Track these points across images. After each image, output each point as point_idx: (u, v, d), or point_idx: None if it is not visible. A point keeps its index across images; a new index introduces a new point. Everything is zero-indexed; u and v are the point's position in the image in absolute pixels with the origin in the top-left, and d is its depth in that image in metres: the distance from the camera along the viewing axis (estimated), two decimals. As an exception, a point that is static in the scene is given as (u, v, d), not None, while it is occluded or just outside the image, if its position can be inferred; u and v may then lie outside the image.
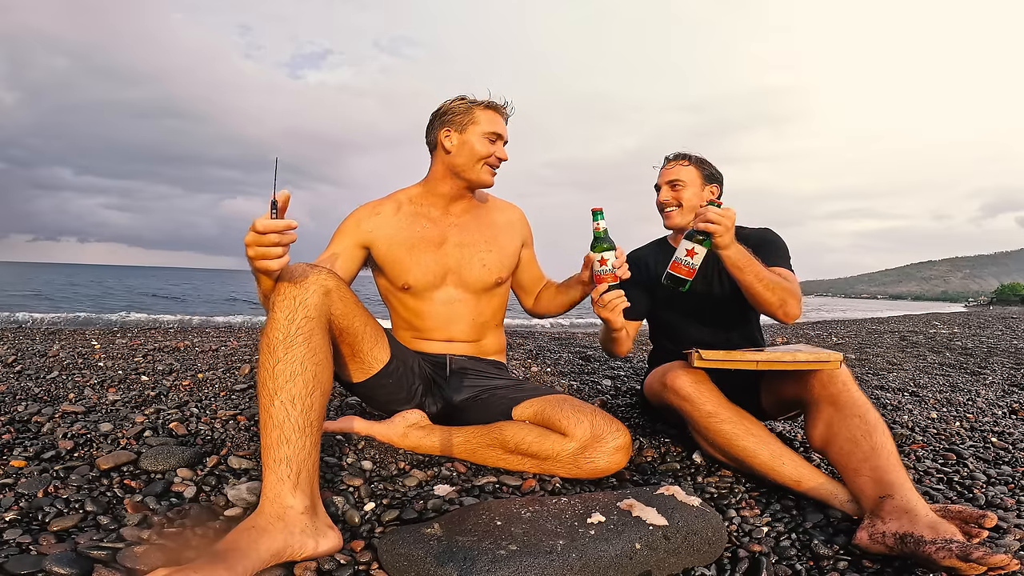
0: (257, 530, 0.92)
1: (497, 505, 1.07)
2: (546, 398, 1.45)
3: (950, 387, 2.99)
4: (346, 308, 1.23)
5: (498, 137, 1.60)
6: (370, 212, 1.62)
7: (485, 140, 1.57)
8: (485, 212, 1.72)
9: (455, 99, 1.60)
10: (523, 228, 1.78)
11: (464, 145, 1.56)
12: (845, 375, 1.32)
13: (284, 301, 1.07)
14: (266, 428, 1.01)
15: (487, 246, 1.66)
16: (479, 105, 1.58)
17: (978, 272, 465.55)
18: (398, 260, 1.59)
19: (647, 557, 0.93)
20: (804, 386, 1.38)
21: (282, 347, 1.04)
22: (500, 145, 1.61)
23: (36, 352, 3.12)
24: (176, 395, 2.07)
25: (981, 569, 0.87)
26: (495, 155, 1.60)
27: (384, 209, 1.63)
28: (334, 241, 1.59)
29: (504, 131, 1.62)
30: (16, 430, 1.55)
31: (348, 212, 1.64)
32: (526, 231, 1.79)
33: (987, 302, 74.34)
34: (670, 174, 1.77)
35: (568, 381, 2.75)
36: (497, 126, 1.59)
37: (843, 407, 1.26)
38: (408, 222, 1.62)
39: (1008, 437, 1.93)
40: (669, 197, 1.77)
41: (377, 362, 1.42)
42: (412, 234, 1.61)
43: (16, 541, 0.96)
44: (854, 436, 1.20)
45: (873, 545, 1.02)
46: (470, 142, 1.56)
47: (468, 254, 1.64)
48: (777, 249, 1.73)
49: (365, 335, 1.34)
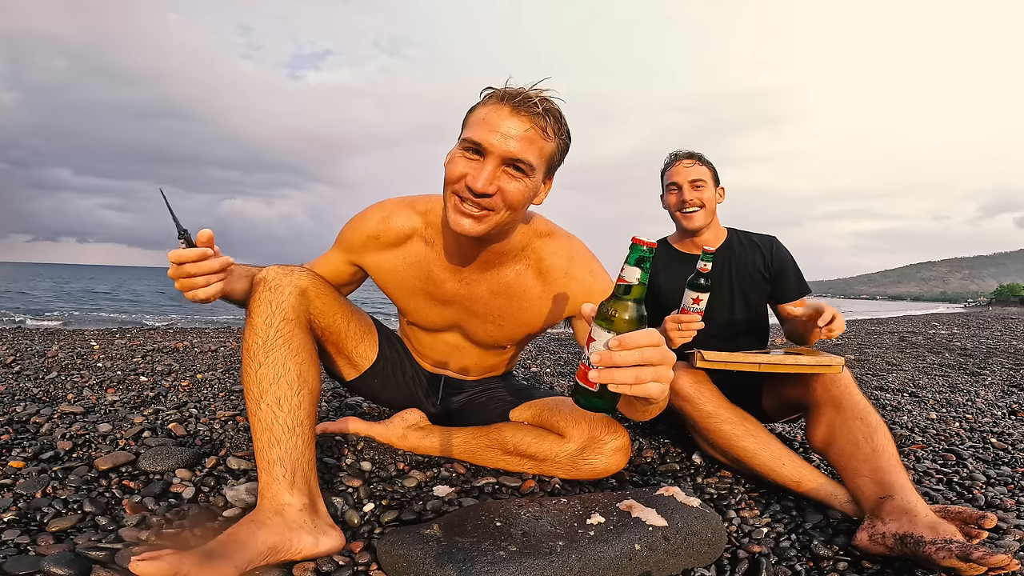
0: (256, 523, 0.93)
1: (496, 506, 1.07)
2: (545, 400, 1.45)
3: (949, 388, 2.99)
4: (325, 306, 1.22)
5: (476, 149, 1.04)
6: (371, 228, 1.29)
7: (460, 152, 1.07)
8: (517, 273, 1.26)
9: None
10: (567, 303, 1.27)
11: (446, 161, 1.11)
12: (847, 378, 1.32)
13: (260, 306, 1.07)
14: (256, 432, 1.01)
15: (498, 320, 1.32)
16: (489, 97, 1.08)
17: (977, 273, 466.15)
18: (399, 300, 1.38)
19: (647, 558, 0.93)
20: (806, 389, 1.38)
21: (262, 351, 1.04)
22: (480, 166, 1.04)
23: (35, 353, 3.11)
24: (175, 396, 2.07)
25: (981, 569, 0.87)
26: (465, 182, 1.05)
27: (389, 231, 1.28)
28: (331, 249, 1.38)
29: (495, 139, 1.02)
30: (15, 430, 1.55)
31: (347, 213, 1.50)
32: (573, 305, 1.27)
33: (986, 303, 74.41)
34: (692, 172, 1.73)
35: (568, 381, 2.74)
36: (483, 129, 1.04)
37: (845, 410, 1.26)
38: (409, 265, 1.29)
39: (1007, 438, 1.93)
40: (694, 197, 1.72)
41: (364, 360, 1.41)
42: (412, 280, 1.31)
43: (14, 541, 0.96)
44: (855, 438, 1.21)
45: (873, 546, 1.02)
46: (449, 155, 1.10)
47: (475, 321, 1.35)
48: (797, 276, 1.77)
49: (349, 332, 1.33)
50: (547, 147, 1.08)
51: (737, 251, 1.80)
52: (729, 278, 1.78)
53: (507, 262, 1.26)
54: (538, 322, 1.32)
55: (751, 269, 1.78)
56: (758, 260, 1.78)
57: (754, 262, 1.78)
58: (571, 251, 1.27)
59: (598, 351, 0.74)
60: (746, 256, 1.78)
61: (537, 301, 1.28)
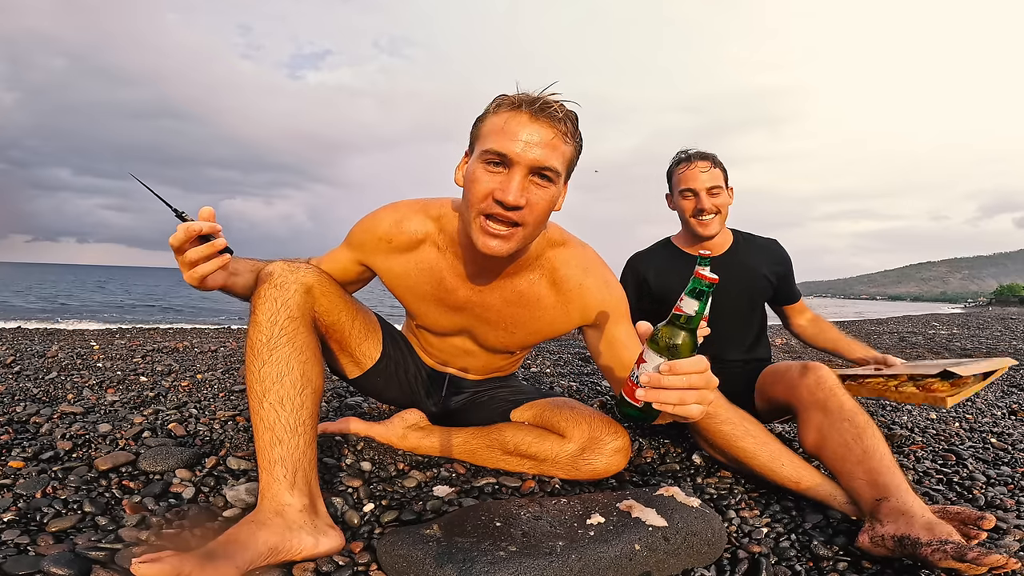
0: (256, 524, 0.93)
1: (496, 506, 1.07)
2: (545, 400, 1.45)
3: (949, 388, 2.99)
4: (330, 304, 1.22)
5: (500, 161, 1.02)
6: (383, 232, 1.27)
7: (481, 167, 1.04)
8: (530, 282, 1.26)
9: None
10: (578, 314, 1.27)
11: (467, 179, 1.09)
12: (833, 381, 1.32)
13: (265, 303, 1.06)
14: (258, 431, 1.01)
15: (510, 328, 1.32)
16: (501, 106, 1.06)
17: (977, 273, 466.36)
18: (408, 304, 1.37)
19: (647, 558, 0.93)
20: (793, 392, 1.38)
21: (266, 349, 1.03)
22: (507, 177, 1.02)
23: (35, 353, 3.11)
24: (175, 396, 2.07)
25: (979, 570, 0.87)
26: (494, 196, 1.03)
27: (401, 235, 1.26)
28: (340, 247, 1.36)
29: (519, 148, 1.00)
30: (15, 431, 1.55)
31: (346, 213, 1.47)
32: (585, 316, 1.28)
33: (986, 303, 74.41)
34: (708, 179, 1.67)
35: (567, 382, 2.74)
36: (505, 138, 1.01)
37: (832, 412, 1.26)
38: (421, 270, 1.28)
39: (1007, 438, 1.93)
40: (711, 205, 1.68)
41: (367, 358, 1.41)
42: (424, 286, 1.29)
43: (14, 542, 0.96)
44: (845, 440, 1.20)
45: (874, 548, 1.02)
46: (469, 171, 1.08)
47: (486, 327, 1.35)
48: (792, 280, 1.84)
49: (353, 330, 1.33)
50: (568, 151, 1.07)
51: (742, 254, 1.80)
52: (735, 280, 1.78)
53: (521, 271, 1.25)
54: (550, 331, 1.31)
55: (756, 272, 1.78)
56: (762, 263, 1.78)
57: (758, 265, 1.78)
58: (585, 261, 1.27)
59: (648, 373, 0.81)
60: (751, 259, 1.79)
61: (551, 310, 1.27)
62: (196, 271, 0.93)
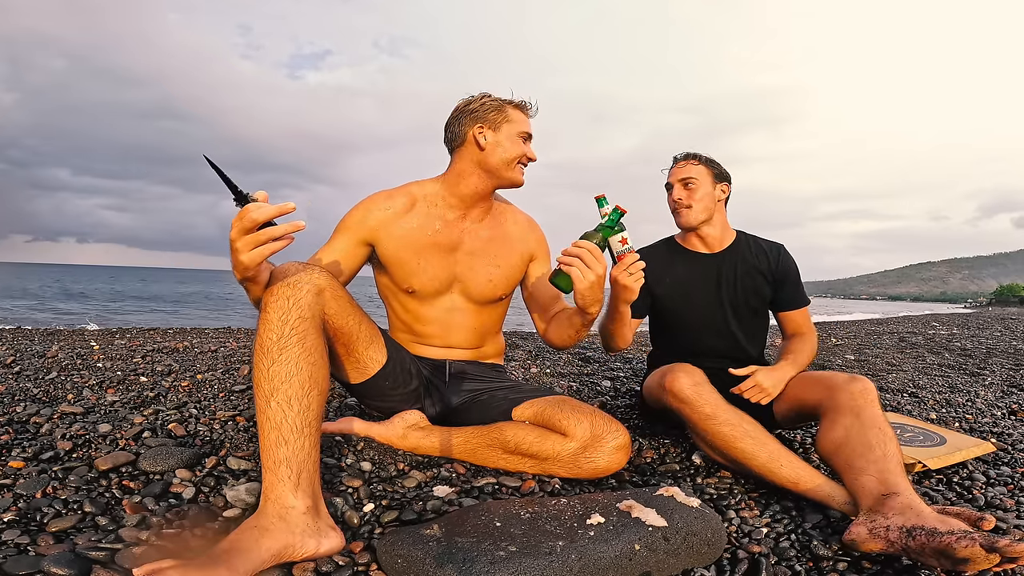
0: (259, 530, 0.92)
1: (496, 506, 1.07)
2: (546, 399, 1.45)
3: (949, 388, 2.99)
4: (340, 308, 1.23)
5: (528, 137, 1.58)
6: (381, 204, 1.53)
7: (518, 139, 1.54)
8: (500, 222, 1.65)
9: (483, 96, 1.55)
10: (534, 243, 1.68)
11: (499, 144, 1.51)
12: (873, 393, 1.34)
13: (277, 301, 1.06)
14: (264, 430, 1.01)
15: (495, 260, 1.60)
16: (511, 104, 1.55)
17: (977, 273, 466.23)
18: (405, 262, 1.53)
19: (646, 558, 0.93)
20: (832, 394, 1.38)
21: (276, 348, 1.03)
22: (530, 145, 1.59)
23: (35, 353, 3.11)
24: (175, 396, 2.07)
25: (997, 559, 0.87)
26: (526, 155, 1.57)
27: (395, 203, 1.54)
28: (335, 237, 1.51)
29: (530, 129, 1.60)
30: (15, 431, 1.55)
31: (346, 212, 1.55)
32: (536, 246, 1.68)
33: (986, 303, 74.40)
34: (682, 172, 1.76)
35: (567, 382, 2.75)
36: (527, 125, 1.58)
37: (865, 419, 1.27)
38: (420, 222, 1.54)
39: (1007, 438, 1.93)
40: (683, 195, 1.75)
41: (373, 363, 1.42)
42: (423, 236, 1.53)
43: (14, 542, 0.96)
44: (869, 442, 1.22)
45: (872, 539, 1.01)
46: (504, 141, 1.52)
47: (477, 265, 1.59)
48: (797, 287, 1.82)
49: (360, 335, 1.34)
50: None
51: (744, 253, 1.82)
52: (735, 279, 1.79)
53: (491, 214, 1.65)
54: (519, 261, 1.65)
55: (756, 272, 1.79)
56: (763, 264, 1.80)
57: (759, 266, 1.80)
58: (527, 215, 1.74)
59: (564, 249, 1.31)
60: (752, 259, 1.81)
61: (519, 243, 1.65)
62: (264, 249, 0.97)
